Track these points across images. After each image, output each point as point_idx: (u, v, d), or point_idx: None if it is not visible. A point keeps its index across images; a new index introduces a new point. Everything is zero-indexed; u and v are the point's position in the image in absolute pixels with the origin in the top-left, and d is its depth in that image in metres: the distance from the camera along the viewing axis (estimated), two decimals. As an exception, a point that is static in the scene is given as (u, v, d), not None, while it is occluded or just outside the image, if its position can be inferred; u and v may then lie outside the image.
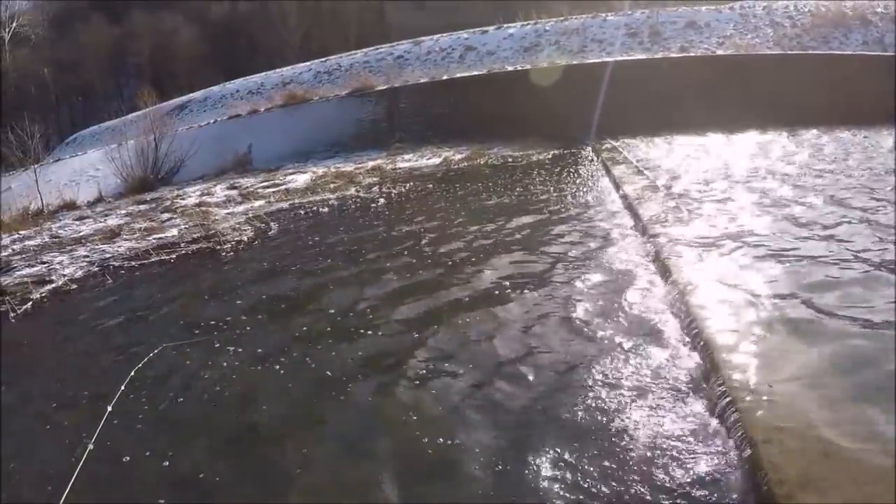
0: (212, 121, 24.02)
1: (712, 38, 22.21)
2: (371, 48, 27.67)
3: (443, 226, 8.48)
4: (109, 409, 4.16)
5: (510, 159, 13.62)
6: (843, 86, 14.93)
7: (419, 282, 6.29)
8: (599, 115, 16.13)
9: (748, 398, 3.36)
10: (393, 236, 8.25)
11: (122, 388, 4.49)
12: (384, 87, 20.96)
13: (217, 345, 5.22)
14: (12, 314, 6.65)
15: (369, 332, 5.17)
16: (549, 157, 13.49)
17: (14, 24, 49.62)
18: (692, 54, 20.44)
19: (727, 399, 3.43)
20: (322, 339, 5.15)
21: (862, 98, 13.87)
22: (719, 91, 15.54)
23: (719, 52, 20.68)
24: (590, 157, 12.98)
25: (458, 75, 21.35)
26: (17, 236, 11.06)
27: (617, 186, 9.37)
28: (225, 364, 4.87)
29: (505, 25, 25.97)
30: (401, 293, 6.02)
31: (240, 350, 5.08)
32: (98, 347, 5.68)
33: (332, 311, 5.69)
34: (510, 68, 20.63)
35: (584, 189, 10.01)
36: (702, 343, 4.11)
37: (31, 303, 6.95)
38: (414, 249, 7.42)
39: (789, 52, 19.40)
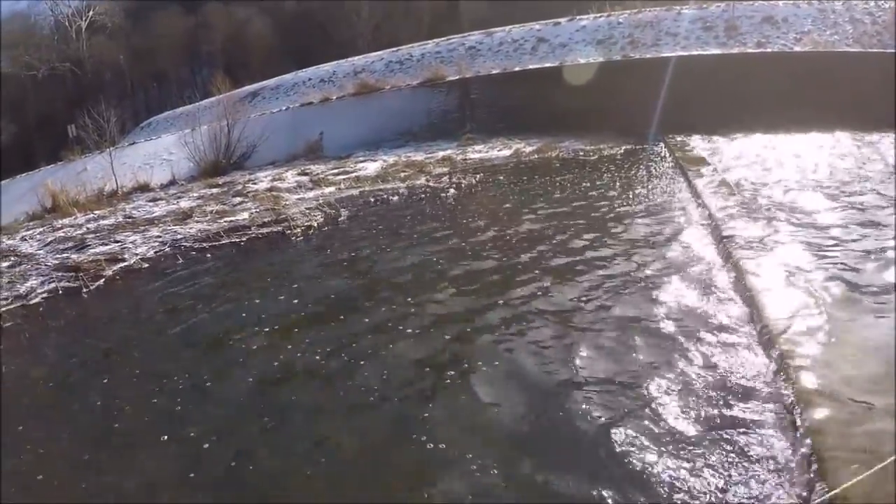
0: (284, 108, 24.16)
1: (790, 33, 21.48)
2: (443, 38, 27.48)
3: (513, 217, 8.32)
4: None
5: (581, 153, 13.34)
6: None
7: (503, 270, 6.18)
8: (673, 110, 15.71)
9: None
10: (462, 226, 8.13)
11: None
12: (456, 78, 20.76)
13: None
14: (85, 289, 6.75)
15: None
16: (621, 152, 13.16)
17: (91, 14, 51.09)
18: (769, 50, 19.84)
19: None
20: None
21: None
22: (800, 88, 14.97)
23: (797, 48, 20.03)
24: (662, 154, 12.63)
25: (531, 67, 21.08)
26: (92, 216, 11.28)
27: (693, 188, 9.01)
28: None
29: (577, 17, 25.60)
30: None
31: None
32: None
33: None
34: (582, 61, 20.28)
35: (658, 187, 9.70)
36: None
37: (103, 279, 7.05)
38: (487, 239, 7.31)
39: (870, 50, 18.64)
